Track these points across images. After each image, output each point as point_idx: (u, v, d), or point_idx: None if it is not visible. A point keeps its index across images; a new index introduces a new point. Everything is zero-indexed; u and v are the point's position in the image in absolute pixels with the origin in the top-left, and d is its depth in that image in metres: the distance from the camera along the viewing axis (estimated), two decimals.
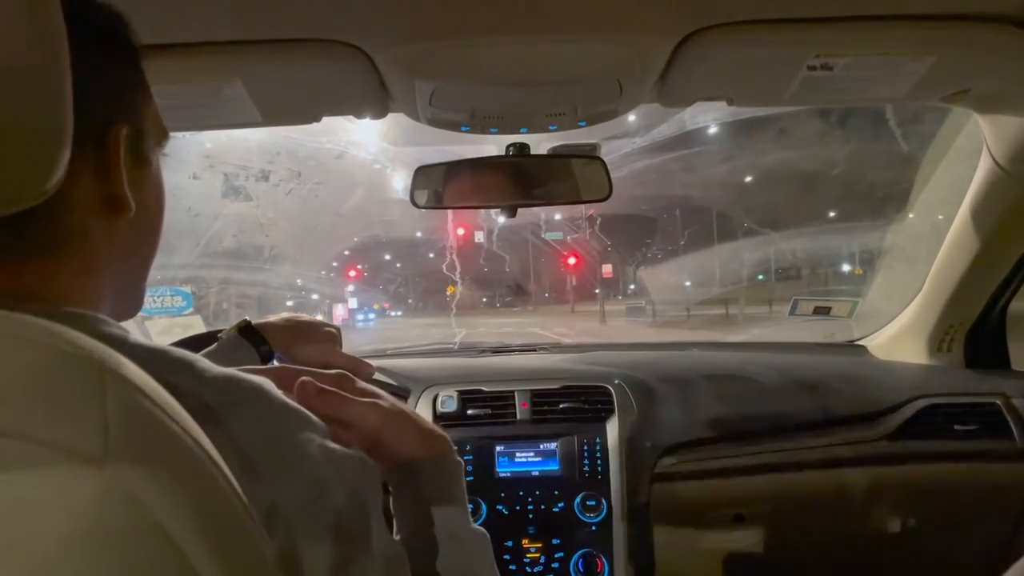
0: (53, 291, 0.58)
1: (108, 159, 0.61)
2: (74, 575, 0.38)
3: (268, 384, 0.60)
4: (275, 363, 1.24)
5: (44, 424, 0.39)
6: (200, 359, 0.58)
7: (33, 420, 0.39)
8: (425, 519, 0.81)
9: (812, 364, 2.08)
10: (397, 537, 0.80)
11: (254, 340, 1.21)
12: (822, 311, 2.41)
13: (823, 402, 1.84)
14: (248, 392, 0.58)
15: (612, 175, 1.50)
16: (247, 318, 1.25)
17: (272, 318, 1.27)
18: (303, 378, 0.77)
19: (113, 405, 0.41)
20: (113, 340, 0.54)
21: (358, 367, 1.27)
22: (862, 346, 2.26)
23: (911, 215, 2.36)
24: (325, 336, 1.26)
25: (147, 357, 0.52)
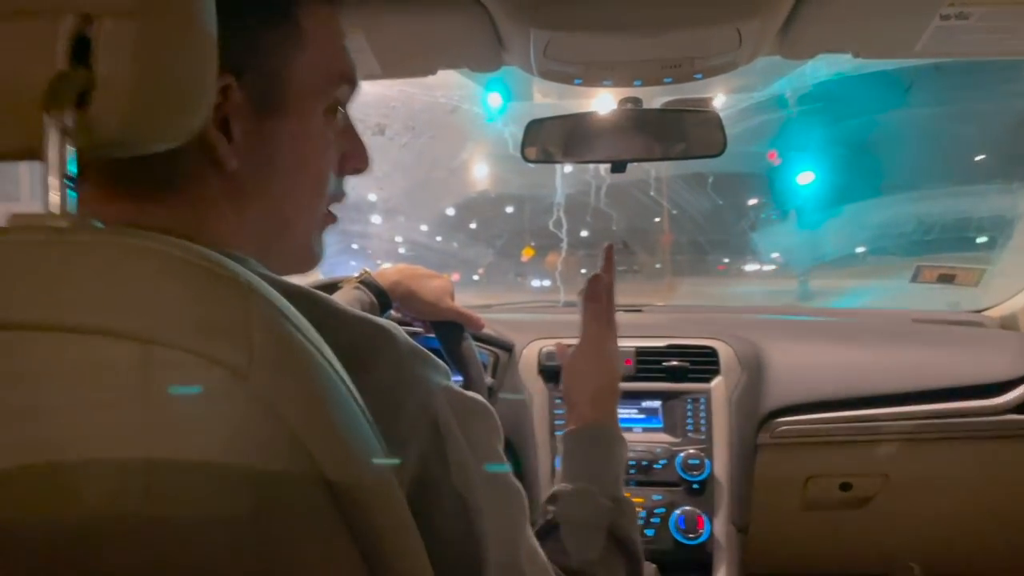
0: (184, 228, 0.59)
1: None
2: (215, 479, 0.42)
3: (397, 328, 0.62)
4: (392, 312, 1.29)
5: (197, 336, 0.43)
6: (338, 301, 0.61)
7: (187, 332, 0.43)
8: (584, 478, 0.93)
9: (931, 333, 1.99)
10: (560, 486, 0.92)
11: (373, 290, 1.26)
12: (946, 278, 2.29)
13: (942, 372, 1.75)
14: (382, 336, 0.60)
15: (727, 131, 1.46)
16: (366, 268, 1.30)
17: (388, 269, 1.32)
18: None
19: (258, 324, 0.45)
20: (259, 275, 0.56)
21: (469, 319, 1.31)
22: (987, 316, 2.14)
23: None
24: (439, 287, 1.30)
25: (288, 293, 0.55)
